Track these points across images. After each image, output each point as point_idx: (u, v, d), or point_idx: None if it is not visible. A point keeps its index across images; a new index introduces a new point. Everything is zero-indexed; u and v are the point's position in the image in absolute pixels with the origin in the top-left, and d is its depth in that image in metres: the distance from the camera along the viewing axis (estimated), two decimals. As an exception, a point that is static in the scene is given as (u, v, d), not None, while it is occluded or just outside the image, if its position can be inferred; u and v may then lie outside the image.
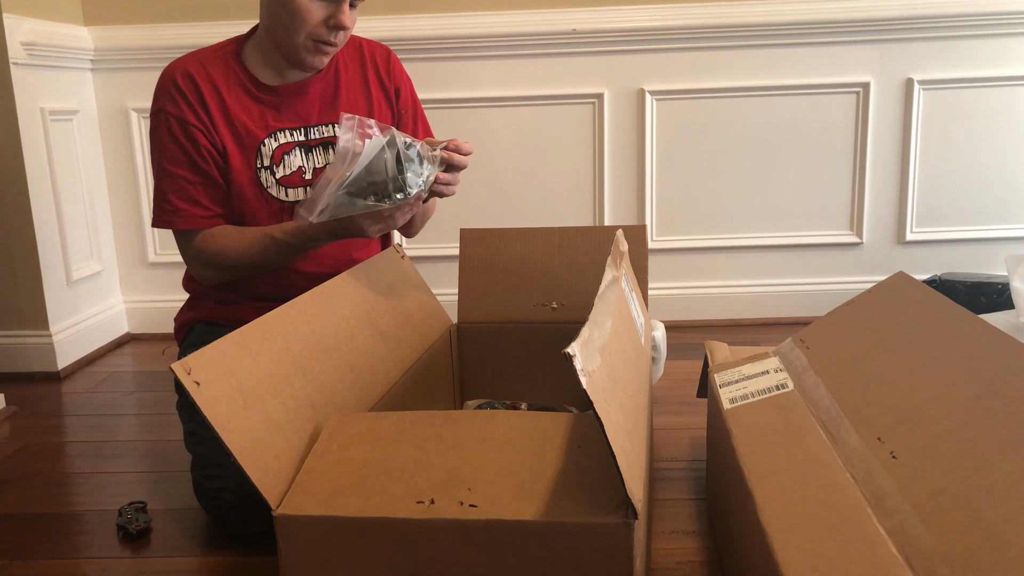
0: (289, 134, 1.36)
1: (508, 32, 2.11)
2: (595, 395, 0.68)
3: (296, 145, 1.36)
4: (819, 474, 0.79)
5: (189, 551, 1.18)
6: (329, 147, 1.38)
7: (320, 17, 1.26)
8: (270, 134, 1.34)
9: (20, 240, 1.95)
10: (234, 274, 1.36)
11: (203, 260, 1.34)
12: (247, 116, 1.33)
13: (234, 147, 1.33)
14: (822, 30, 2.10)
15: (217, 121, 1.32)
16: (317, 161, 1.37)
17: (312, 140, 1.37)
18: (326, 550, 0.77)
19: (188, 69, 1.32)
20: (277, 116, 1.35)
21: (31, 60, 1.93)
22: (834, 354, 1.01)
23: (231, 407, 0.82)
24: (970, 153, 2.18)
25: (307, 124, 1.37)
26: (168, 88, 1.32)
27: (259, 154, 1.33)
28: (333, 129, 1.38)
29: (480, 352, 1.45)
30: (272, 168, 1.34)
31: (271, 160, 1.34)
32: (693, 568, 1.08)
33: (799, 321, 2.22)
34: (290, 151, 1.35)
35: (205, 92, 1.32)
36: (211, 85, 1.32)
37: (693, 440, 1.47)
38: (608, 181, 2.21)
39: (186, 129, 1.30)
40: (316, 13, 1.26)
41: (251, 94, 1.35)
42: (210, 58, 1.35)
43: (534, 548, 0.73)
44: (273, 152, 1.34)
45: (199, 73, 1.32)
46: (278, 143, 1.34)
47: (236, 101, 1.33)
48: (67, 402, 1.84)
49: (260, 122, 1.34)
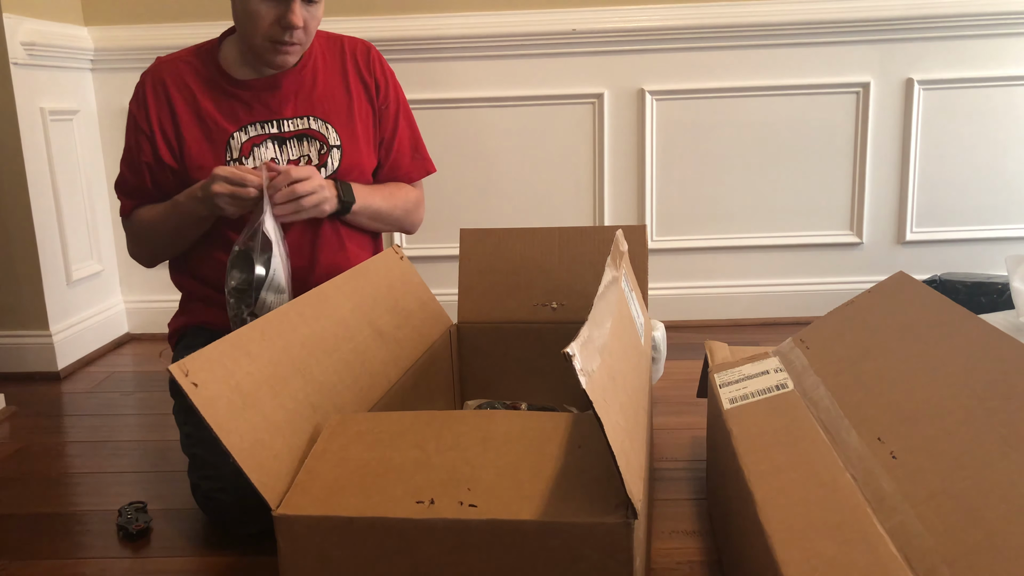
0: (260, 127, 1.39)
1: (508, 32, 2.11)
2: (595, 395, 0.68)
3: (268, 138, 1.39)
4: (819, 474, 0.79)
5: (189, 551, 1.18)
6: (304, 139, 1.40)
7: (271, 18, 1.30)
8: (240, 128, 1.38)
9: (20, 240, 1.95)
10: (156, 245, 1.44)
11: (132, 237, 1.47)
12: (217, 111, 1.38)
13: (202, 141, 1.37)
14: (822, 30, 2.10)
15: (183, 119, 1.38)
16: (291, 153, 1.40)
17: (286, 133, 1.40)
18: (326, 550, 0.77)
19: (161, 72, 1.40)
20: (248, 110, 1.39)
21: (31, 60, 1.93)
22: (834, 354, 1.01)
23: (230, 408, 0.82)
24: (970, 153, 2.18)
25: (280, 117, 1.40)
26: (137, 89, 1.42)
27: (228, 147, 1.38)
28: (308, 122, 1.41)
29: (480, 352, 1.45)
30: (241, 160, 1.38)
31: (239, 152, 1.38)
32: (693, 568, 1.08)
33: (799, 321, 2.22)
34: (260, 143, 1.38)
35: (173, 93, 1.39)
36: (182, 84, 1.39)
37: (693, 440, 1.47)
38: (608, 181, 2.21)
39: (137, 131, 1.40)
40: (266, 15, 1.30)
41: (223, 90, 1.39)
42: (187, 57, 1.42)
43: (534, 548, 0.73)
44: (242, 145, 1.38)
45: (171, 74, 1.40)
46: (248, 136, 1.38)
47: (207, 97, 1.38)
48: (67, 402, 1.84)
49: (230, 116, 1.38)
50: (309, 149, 1.40)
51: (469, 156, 2.21)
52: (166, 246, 1.43)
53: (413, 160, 1.53)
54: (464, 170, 2.21)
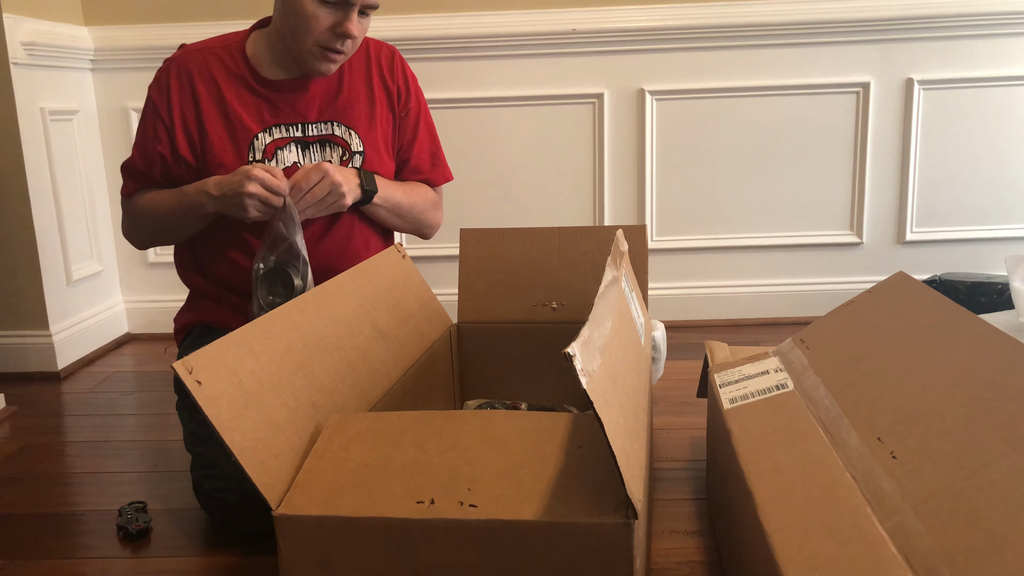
0: (285, 130, 1.36)
1: (508, 32, 2.11)
2: (595, 395, 0.68)
3: (292, 141, 1.36)
4: (819, 474, 0.80)
5: (189, 551, 1.18)
6: (327, 145, 1.38)
7: (327, 24, 1.26)
8: (265, 129, 1.35)
9: (20, 240, 1.95)
10: (152, 231, 1.41)
11: (130, 218, 1.42)
12: (243, 109, 1.35)
13: (226, 138, 1.34)
14: (822, 30, 2.10)
15: (207, 114, 1.34)
16: (314, 158, 1.37)
17: (310, 137, 1.37)
18: (326, 550, 0.77)
19: (187, 62, 1.35)
20: (274, 111, 1.36)
21: (31, 60, 1.93)
22: (834, 354, 1.01)
23: (232, 406, 0.82)
24: (970, 153, 2.18)
25: (305, 120, 1.37)
26: (160, 76, 1.36)
27: (252, 148, 1.35)
28: (332, 127, 1.38)
29: (480, 352, 1.45)
30: (265, 163, 1.34)
31: (263, 155, 1.35)
32: (693, 568, 1.08)
33: (799, 321, 2.22)
34: (284, 147, 1.36)
35: (199, 85, 1.34)
36: (209, 76, 1.34)
37: (693, 440, 1.47)
38: (608, 181, 2.21)
39: (156, 119, 1.35)
40: (324, 20, 1.26)
41: (251, 88, 1.36)
42: (215, 48, 1.37)
43: (534, 548, 0.73)
44: (266, 147, 1.35)
45: (198, 65, 1.35)
46: (272, 138, 1.35)
47: (234, 94, 1.35)
48: (67, 402, 1.84)
49: (256, 116, 1.35)
50: (331, 155, 1.38)
51: (469, 156, 2.21)
52: (163, 233, 1.41)
53: (433, 168, 1.51)
54: (464, 170, 2.21)
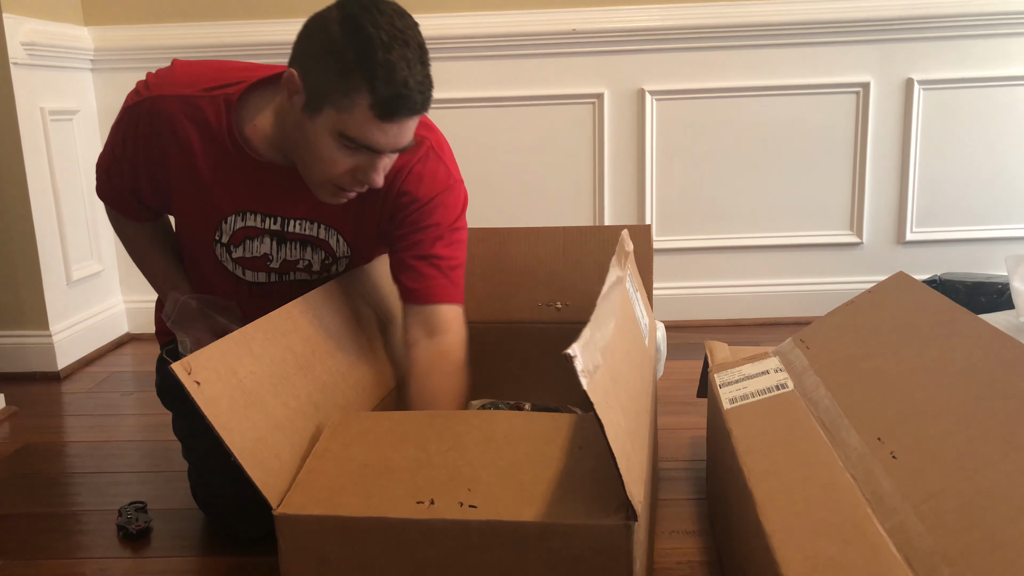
0: (261, 220, 1.14)
1: (508, 32, 2.11)
2: (595, 396, 0.68)
3: (266, 233, 1.15)
4: (819, 474, 0.80)
5: (189, 551, 1.18)
6: (307, 245, 1.17)
7: (347, 167, 1.03)
8: (238, 212, 1.14)
9: (20, 240, 1.95)
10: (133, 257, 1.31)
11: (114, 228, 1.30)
12: (217, 184, 1.12)
13: (194, 208, 1.16)
14: (822, 30, 2.10)
15: (176, 180, 1.13)
16: (290, 253, 1.17)
17: (289, 234, 1.15)
18: (326, 550, 0.77)
19: (159, 118, 1.11)
20: (254, 196, 1.13)
21: (31, 60, 1.93)
22: (834, 354, 1.01)
23: (232, 406, 0.82)
24: (970, 153, 2.18)
25: (288, 216, 1.14)
26: (125, 117, 1.15)
27: (219, 228, 1.15)
28: (317, 229, 1.16)
29: (484, 352, 1.45)
30: (229, 247, 1.16)
31: (229, 239, 1.16)
32: (693, 568, 1.08)
33: (799, 321, 2.22)
34: (256, 237, 1.15)
35: (170, 148, 1.11)
36: (185, 139, 1.10)
37: (693, 440, 1.47)
38: (608, 181, 2.21)
39: (118, 160, 1.17)
40: (343, 163, 1.03)
41: (232, 162, 1.11)
42: (199, 102, 1.10)
43: (534, 549, 0.73)
44: (234, 232, 1.15)
45: (171, 124, 1.10)
46: (244, 224, 1.14)
47: (210, 164, 1.11)
48: (67, 402, 1.84)
49: (230, 196, 1.13)
50: (312, 256, 1.18)
51: (469, 156, 2.20)
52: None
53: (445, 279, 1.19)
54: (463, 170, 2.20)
